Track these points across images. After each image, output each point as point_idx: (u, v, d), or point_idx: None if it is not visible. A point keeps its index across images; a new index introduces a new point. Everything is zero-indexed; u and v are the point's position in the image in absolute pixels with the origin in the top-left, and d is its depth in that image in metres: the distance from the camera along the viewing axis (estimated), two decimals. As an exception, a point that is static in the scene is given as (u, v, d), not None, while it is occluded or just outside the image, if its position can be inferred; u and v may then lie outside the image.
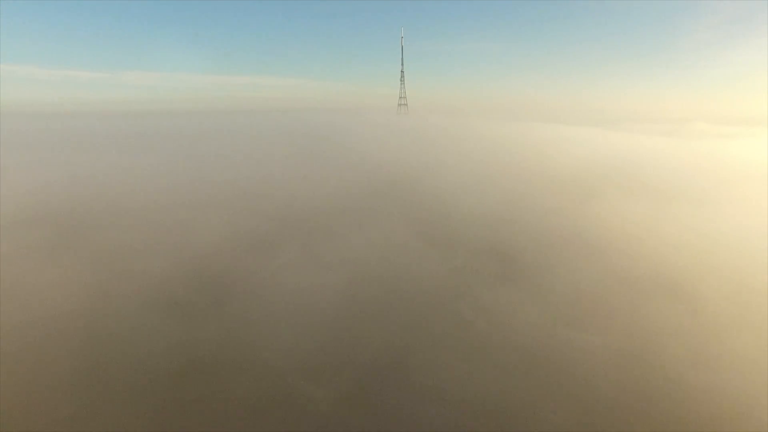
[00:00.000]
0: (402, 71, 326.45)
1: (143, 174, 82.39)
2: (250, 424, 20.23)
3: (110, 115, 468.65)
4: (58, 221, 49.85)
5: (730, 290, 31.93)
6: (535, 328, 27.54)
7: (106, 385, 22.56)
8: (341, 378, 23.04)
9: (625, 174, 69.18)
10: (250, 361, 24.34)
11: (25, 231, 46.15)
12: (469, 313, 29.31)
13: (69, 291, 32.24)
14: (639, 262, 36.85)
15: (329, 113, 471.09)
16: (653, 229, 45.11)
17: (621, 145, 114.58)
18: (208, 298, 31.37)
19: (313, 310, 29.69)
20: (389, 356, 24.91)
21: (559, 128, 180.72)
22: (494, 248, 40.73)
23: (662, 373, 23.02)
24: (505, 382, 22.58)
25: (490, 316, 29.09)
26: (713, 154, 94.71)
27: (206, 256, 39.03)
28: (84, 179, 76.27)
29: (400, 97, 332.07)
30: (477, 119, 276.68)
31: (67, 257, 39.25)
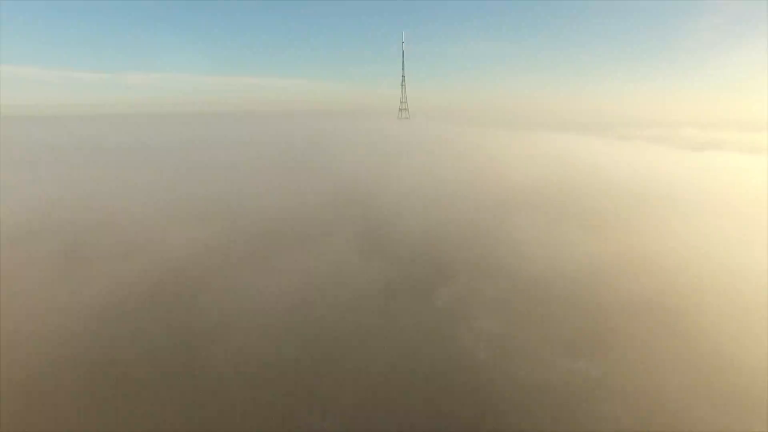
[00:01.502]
0: (403, 76, 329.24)
1: (129, 186, 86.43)
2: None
3: (109, 118, 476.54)
4: (50, 234, 53.51)
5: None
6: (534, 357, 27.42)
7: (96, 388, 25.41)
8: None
9: (570, 193, 72.08)
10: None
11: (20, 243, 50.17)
12: (469, 342, 29.39)
13: (54, 302, 35.73)
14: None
15: (329, 117, 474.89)
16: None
17: (594, 157, 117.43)
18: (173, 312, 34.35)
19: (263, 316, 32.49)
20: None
21: (546, 136, 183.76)
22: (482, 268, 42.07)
23: (663, 405, 23.81)
24: (511, 419, 22.95)
25: (486, 344, 28.95)
26: (677, 169, 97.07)
27: (177, 269, 42.58)
28: (78, 192, 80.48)
29: (401, 102, 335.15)
30: (471, 126, 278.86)
31: (61, 268, 42.87)
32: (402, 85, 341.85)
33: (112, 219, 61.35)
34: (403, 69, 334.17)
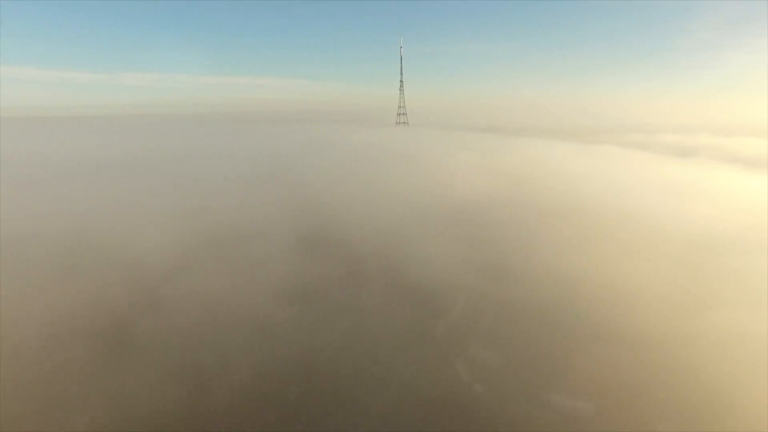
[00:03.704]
0: (401, 81, 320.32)
1: (106, 196, 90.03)
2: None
3: (105, 121, 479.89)
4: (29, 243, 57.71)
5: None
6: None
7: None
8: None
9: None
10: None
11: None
12: (465, 372, 30.02)
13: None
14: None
15: (326, 120, 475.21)
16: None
17: (555, 165, 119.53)
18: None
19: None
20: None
21: (525, 142, 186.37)
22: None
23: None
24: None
25: (476, 377, 28.80)
26: (631, 179, 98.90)
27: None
28: (64, 201, 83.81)
29: (399, 107, 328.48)
30: (462, 131, 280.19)
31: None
32: (400, 90, 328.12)
33: (86, 230, 65.03)
34: (401, 74, 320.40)
